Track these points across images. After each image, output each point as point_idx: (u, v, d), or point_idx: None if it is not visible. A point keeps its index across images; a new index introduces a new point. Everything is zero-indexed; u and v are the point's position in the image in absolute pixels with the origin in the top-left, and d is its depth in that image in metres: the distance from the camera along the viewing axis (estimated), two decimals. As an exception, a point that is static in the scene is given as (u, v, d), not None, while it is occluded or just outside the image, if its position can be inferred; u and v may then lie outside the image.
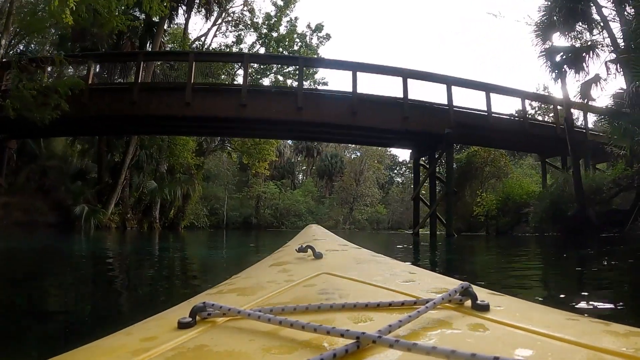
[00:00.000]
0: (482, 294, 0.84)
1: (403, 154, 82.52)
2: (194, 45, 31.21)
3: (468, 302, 0.79)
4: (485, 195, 25.09)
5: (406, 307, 0.80)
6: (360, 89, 20.18)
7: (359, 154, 63.96)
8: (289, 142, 61.27)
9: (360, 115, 19.78)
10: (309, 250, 1.45)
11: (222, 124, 21.19)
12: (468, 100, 23.96)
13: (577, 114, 25.79)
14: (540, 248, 12.41)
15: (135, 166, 28.24)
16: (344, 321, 0.74)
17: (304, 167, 63.12)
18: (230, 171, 49.19)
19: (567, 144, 20.12)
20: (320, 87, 30.81)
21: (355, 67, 20.18)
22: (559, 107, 24.14)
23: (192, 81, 19.22)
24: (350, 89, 19.96)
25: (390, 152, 71.90)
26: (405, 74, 20.83)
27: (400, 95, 20.65)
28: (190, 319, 0.74)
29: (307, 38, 37.11)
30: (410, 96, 20.82)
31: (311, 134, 24.80)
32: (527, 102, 26.14)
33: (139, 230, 28.09)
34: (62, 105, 14.83)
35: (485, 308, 0.77)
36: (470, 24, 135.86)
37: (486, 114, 22.17)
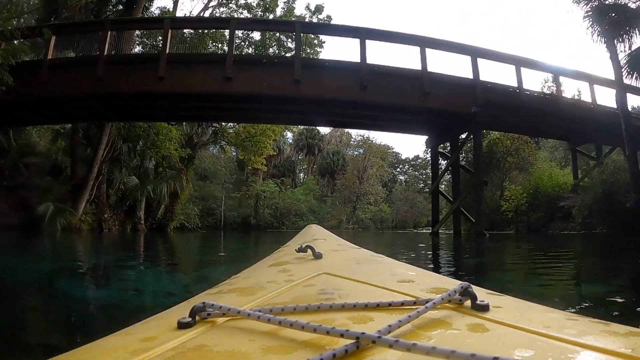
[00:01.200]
0: (482, 294, 0.84)
1: (406, 151, 78.73)
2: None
3: (468, 302, 0.78)
4: (514, 188, 20.45)
5: (406, 307, 0.78)
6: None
7: (361, 151, 61.81)
8: (289, 139, 57.52)
9: (372, 89, 16.75)
10: (309, 250, 1.40)
11: (203, 103, 18.34)
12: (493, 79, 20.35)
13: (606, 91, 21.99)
14: (606, 251, 10.49)
15: (117, 161, 26.73)
16: (344, 321, 0.73)
17: (305, 166, 59.12)
18: (228, 169, 44.83)
19: (601, 129, 19.00)
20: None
21: (363, 34, 17.21)
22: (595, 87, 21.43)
23: (167, 51, 16.46)
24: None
25: (393, 149, 69.77)
26: (424, 43, 17.93)
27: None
28: (190, 319, 0.74)
29: (307, 20, 33.54)
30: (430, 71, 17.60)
31: (311, 115, 21.23)
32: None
33: (121, 232, 25.42)
34: (5, 78, 12.83)
35: (484, 308, 0.76)
36: (470, 16, 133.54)
37: (517, 90, 19.21)
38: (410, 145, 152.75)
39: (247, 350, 0.62)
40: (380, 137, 68.83)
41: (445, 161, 22.03)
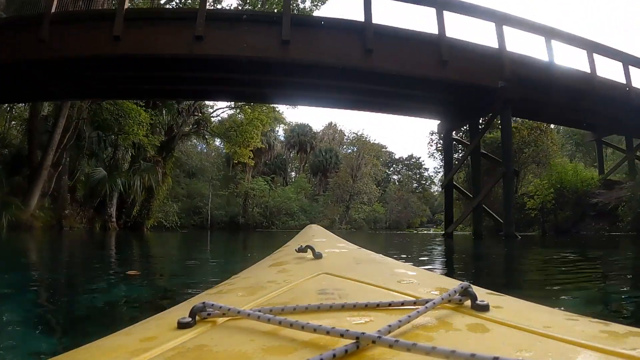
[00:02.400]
0: (482, 294, 0.83)
1: (400, 150, 75.70)
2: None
3: (468, 302, 0.77)
4: (539, 182, 16.71)
5: (406, 307, 0.77)
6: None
7: (355, 148, 59.14)
8: (281, 136, 54.55)
9: (378, 55, 13.83)
10: (309, 250, 1.37)
11: (170, 72, 15.10)
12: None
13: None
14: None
15: (83, 150, 23.85)
16: (344, 321, 0.72)
17: (297, 164, 56.34)
18: (215, 165, 41.66)
19: (636, 117, 16.46)
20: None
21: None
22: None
23: (125, 5, 13.34)
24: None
25: (387, 148, 68.36)
26: (442, 4, 15.03)
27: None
28: (190, 319, 0.73)
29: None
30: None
31: (301, 90, 17.55)
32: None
33: (89, 231, 22.47)
34: None
35: (484, 308, 0.75)
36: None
37: (550, 63, 16.27)
38: (404, 145, 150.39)
39: (247, 350, 0.61)
40: (374, 136, 65.87)
41: (453, 153, 18.12)
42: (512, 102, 15.01)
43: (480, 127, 17.42)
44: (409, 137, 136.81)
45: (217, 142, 40.67)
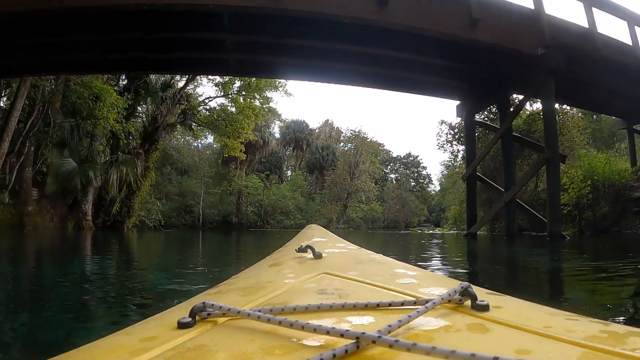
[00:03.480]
0: (482, 294, 0.82)
1: (397, 149, 73.25)
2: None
3: (468, 302, 0.76)
4: (574, 173, 13.31)
5: (406, 307, 0.77)
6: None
7: (351, 146, 56.88)
8: (276, 133, 51.90)
9: (396, 7, 11.21)
10: (309, 250, 1.35)
11: (135, 31, 11.83)
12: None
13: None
14: None
15: (57, 141, 21.45)
16: (344, 321, 0.71)
17: (292, 162, 53.66)
18: (207, 162, 38.88)
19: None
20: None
21: None
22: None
23: None
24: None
25: (384, 146, 66.08)
26: None
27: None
28: (190, 319, 0.72)
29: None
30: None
31: (301, 57, 14.42)
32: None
33: (61, 230, 19.92)
34: None
35: (485, 308, 0.74)
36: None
37: (590, 31, 13.45)
38: (401, 144, 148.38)
39: (247, 350, 0.61)
40: (371, 134, 63.44)
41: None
42: (555, 74, 12.01)
43: (511, 106, 14.39)
44: (407, 135, 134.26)
45: (210, 139, 37.89)
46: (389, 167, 68.21)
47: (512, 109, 15.28)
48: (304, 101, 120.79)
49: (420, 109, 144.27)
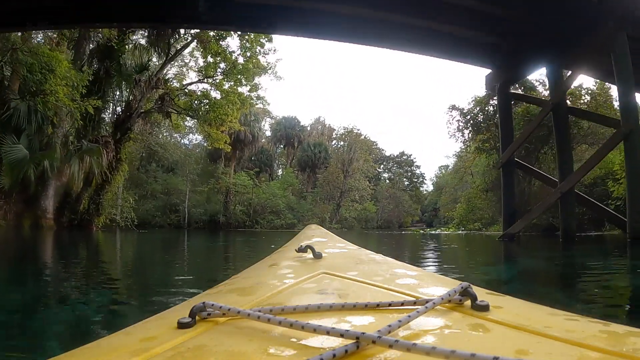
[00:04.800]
0: (482, 294, 0.83)
1: (391, 147, 70.86)
2: None
3: (468, 302, 0.77)
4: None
5: (406, 307, 0.77)
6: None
7: (344, 143, 54.18)
8: (267, 131, 48.96)
9: None
10: (309, 250, 1.34)
11: None
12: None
13: None
14: None
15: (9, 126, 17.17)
16: (344, 321, 0.72)
17: (283, 160, 50.71)
18: (193, 158, 35.55)
19: None
20: None
21: None
22: None
23: None
24: None
25: (376, 145, 62.55)
26: None
27: None
28: (190, 319, 0.72)
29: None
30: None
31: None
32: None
33: (13, 229, 17.09)
34: None
35: (484, 308, 0.74)
36: None
37: None
38: (392, 144, 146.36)
39: (247, 350, 0.62)
40: (364, 131, 60.86)
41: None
42: (627, 22, 8.83)
43: (561, 76, 11.13)
44: (398, 133, 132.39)
45: (199, 137, 34.91)
46: (382, 166, 66.39)
47: (568, 74, 11.87)
48: (295, 99, 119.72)
49: (413, 107, 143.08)
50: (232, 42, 33.11)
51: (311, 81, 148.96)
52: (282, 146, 58.64)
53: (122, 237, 19.11)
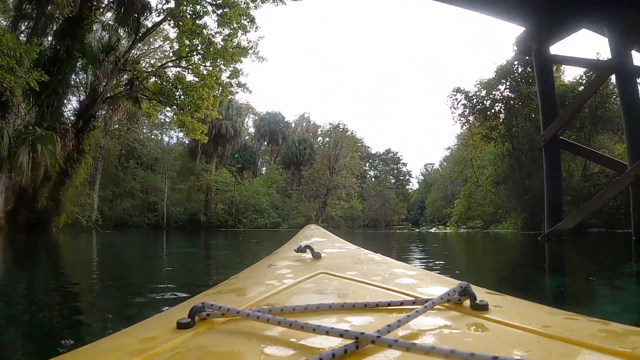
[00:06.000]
0: (481, 294, 0.81)
1: (377, 145, 69.17)
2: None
3: (467, 302, 0.76)
4: None
5: (405, 307, 0.76)
6: None
7: (330, 140, 52.02)
8: (250, 127, 46.72)
9: None
10: (308, 250, 1.30)
11: None
12: None
13: None
14: None
15: None
16: (343, 321, 0.71)
17: (267, 158, 48.39)
18: (172, 154, 33.04)
19: None
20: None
21: None
22: None
23: None
24: None
25: (363, 142, 59.07)
26: None
27: None
28: (189, 320, 0.71)
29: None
30: None
31: None
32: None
33: None
34: None
35: (484, 308, 0.73)
36: None
37: None
38: (378, 142, 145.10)
39: (246, 351, 0.61)
40: (351, 127, 58.76)
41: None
42: None
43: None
44: (386, 132, 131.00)
45: (179, 133, 32.55)
46: (368, 163, 64.07)
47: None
48: (279, 94, 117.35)
49: (399, 104, 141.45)
50: (210, 21, 30.50)
51: (295, 77, 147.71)
52: (265, 143, 57.04)
53: (72, 241, 16.21)
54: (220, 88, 22.40)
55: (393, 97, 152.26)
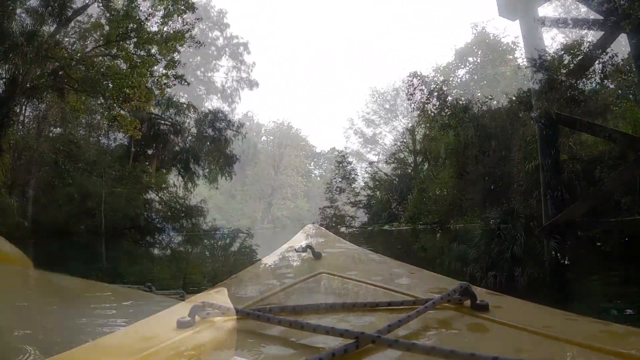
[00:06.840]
0: (482, 294, 0.79)
1: (322, 144, 69.08)
2: None
3: (467, 302, 0.74)
4: None
5: (405, 306, 0.73)
6: None
7: (273, 138, 50.30)
8: (193, 127, 44.16)
9: None
10: (308, 250, 1.23)
11: None
12: None
13: None
14: None
15: None
16: (343, 321, 0.69)
17: (210, 158, 46.07)
18: (109, 154, 30.72)
19: None
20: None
21: None
22: None
23: None
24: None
25: (307, 138, 54.18)
26: None
27: None
28: (189, 319, 0.69)
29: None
30: None
31: None
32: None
33: None
34: None
35: (484, 308, 0.72)
36: None
37: None
38: (321, 141, 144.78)
39: (246, 350, 0.60)
40: (294, 124, 58.07)
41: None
42: None
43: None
44: (328, 130, 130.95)
45: (120, 134, 30.39)
46: (313, 162, 63.24)
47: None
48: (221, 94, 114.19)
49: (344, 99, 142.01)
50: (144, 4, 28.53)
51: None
52: (208, 143, 54.87)
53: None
54: (154, 78, 19.52)
55: (339, 93, 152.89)
